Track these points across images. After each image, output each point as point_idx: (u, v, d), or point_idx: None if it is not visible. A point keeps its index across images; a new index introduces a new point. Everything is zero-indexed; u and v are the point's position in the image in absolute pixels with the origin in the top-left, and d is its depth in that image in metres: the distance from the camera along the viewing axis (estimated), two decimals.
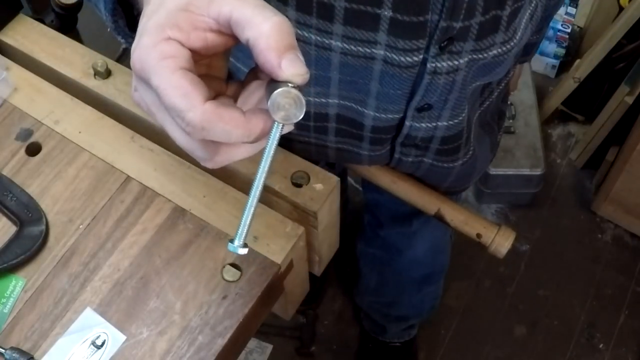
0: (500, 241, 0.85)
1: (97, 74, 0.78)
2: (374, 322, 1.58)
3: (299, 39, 0.62)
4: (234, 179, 0.72)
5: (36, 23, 0.84)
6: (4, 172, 0.73)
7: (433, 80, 0.65)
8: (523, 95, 1.82)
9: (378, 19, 0.58)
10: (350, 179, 1.73)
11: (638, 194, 1.68)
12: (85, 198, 0.72)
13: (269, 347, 1.66)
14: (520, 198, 1.82)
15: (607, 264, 1.77)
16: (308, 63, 0.65)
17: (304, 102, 0.41)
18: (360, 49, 0.61)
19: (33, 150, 0.75)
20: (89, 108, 0.77)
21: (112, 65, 0.79)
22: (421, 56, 0.62)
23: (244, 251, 0.46)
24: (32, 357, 0.64)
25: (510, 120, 1.76)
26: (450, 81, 0.66)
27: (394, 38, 0.59)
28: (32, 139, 0.76)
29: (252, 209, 0.45)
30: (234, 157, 0.45)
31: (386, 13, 0.57)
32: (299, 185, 0.70)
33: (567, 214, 1.85)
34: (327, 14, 0.59)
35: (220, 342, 0.64)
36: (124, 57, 2.00)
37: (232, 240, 0.46)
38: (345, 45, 0.61)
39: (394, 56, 0.61)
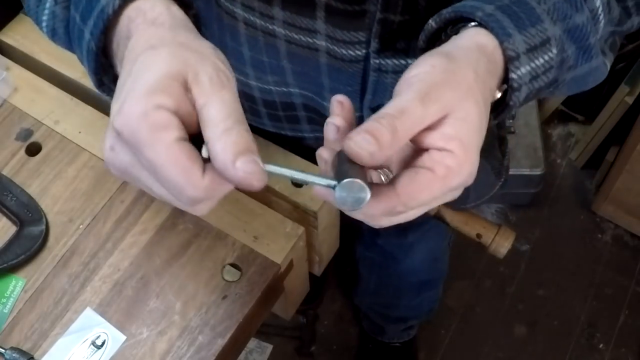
0: (500, 241, 0.85)
1: None
2: (373, 322, 1.58)
3: (247, 23, 0.61)
4: None
5: None
6: (4, 172, 0.73)
7: (380, 79, 0.62)
8: None
9: (314, 5, 0.56)
10: None
11: (638, 194, 1.67)
12: (85, 198, 0.72)
13: (269, 347, 1.66)
14: (520, 198, 1.82)
15: (607, 264, 1.77)
16: (259, 49, 0.63)
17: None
18: (302, 37, 0.60)
19: (33, 150, 0.75)
20: (89, 108, 0.77)
21: None
22: (364, 50, 0.59)
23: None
24: (32, 357, 0.64)
25: (510, 120, 1.76)
26: None
27: (332, 28, 0.58)
28: (32, 139, 0.76)
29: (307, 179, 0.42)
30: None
31: None
32: (299, 185, 0.70)
33: (567, 214, 1.85)
34: None
35: (220, 342, 0.64)
36: None
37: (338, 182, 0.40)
38: (287, 32, 0.60)
39: (336, 48, 0.60)
